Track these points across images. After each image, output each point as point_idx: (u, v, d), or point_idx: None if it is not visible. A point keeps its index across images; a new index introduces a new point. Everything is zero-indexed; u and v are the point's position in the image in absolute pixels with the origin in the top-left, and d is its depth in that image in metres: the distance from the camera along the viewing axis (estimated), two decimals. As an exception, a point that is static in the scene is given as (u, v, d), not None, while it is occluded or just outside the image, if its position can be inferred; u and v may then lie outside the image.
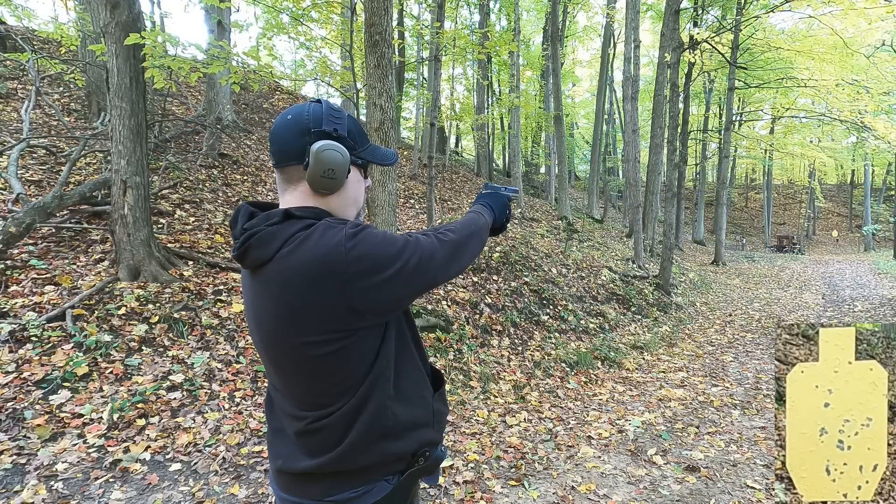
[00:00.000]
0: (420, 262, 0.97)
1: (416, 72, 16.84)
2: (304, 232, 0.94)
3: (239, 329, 4.27)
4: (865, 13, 8.81)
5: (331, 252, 0.90)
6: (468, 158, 24.10)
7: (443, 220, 9.09)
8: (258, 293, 0.98)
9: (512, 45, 7.57)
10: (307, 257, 0.90)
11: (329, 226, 0.94)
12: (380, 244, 0.93)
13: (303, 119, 0.99)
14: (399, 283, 0.95)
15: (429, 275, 0.99)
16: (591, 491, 3.00)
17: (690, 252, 18.60)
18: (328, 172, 0.98)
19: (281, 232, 0.94)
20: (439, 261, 1.02)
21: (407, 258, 0.95)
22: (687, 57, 11.67)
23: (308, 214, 0.98)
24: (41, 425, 2.89)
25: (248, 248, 0.95)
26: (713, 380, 5.27)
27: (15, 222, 4.21)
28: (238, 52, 5.73)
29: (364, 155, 1.07)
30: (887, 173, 33.19)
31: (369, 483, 1.00)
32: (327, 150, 0.97)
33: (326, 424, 0.98)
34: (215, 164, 7.77)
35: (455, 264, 1.06)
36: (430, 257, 1.00)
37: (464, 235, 1.11)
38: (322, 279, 0.90)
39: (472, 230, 1.15)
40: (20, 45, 7.85)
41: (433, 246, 1.02)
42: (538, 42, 23.03)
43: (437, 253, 1.02)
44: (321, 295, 0.90)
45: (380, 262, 0.92)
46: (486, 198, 1.34)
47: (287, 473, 1.03)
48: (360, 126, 1.08)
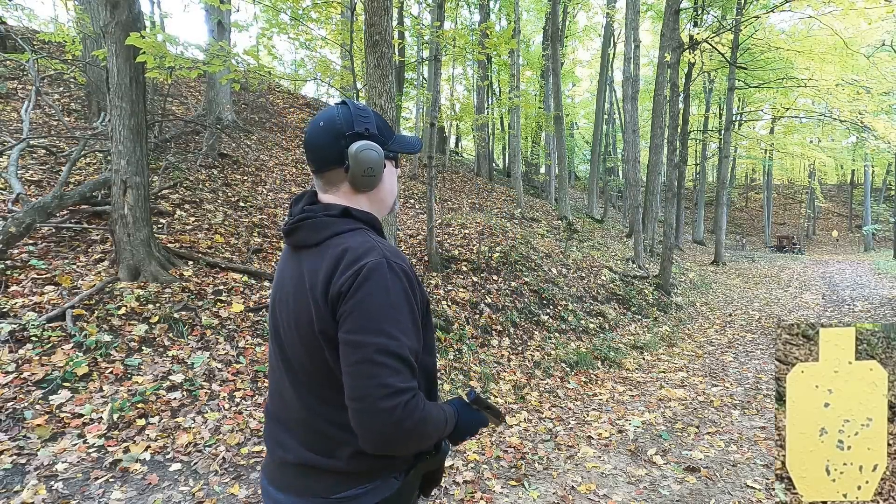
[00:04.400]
0: (372, 365, 0.88)
1: (416, 72, 16.85)
2: (352, 234, 1.00)
3: (239, 329, 4.27)
4: (865, 13, 8.80)
5: (350, 267, 0.93)
6: (468, 158, 24.10)
7: (443, 219, 9.09)
8: (293, 269, 1.04)
9: (512, 43, 7.57)
10: (339, 258, 0.95)
11: (381, 257, 0.94)
12: (382, 309, 0.90)
13: (335, 124, 1.03)
14: (344, 347, 0.91)
15: (360, 382, 0.89)
16: (591, 491, 3.00)
17: (690, 252, 18.60)
18: (368, 171, 1.03)
19: (334, 225, 1.01)
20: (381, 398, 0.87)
21: (376, 347, 0.88)
22: (687, 57, 11.66)
23: (364, 218, 1.05)
24: (41, 425, 2.89)
25: (299, 228, 1.04)
26: (713, 380, 5.27)
27: (15, 222, 4.21)
28: (238, 52, 5.73)
29: (394, 147, 1.12)
30: (887, 173, 33.17)
31: (377, 479, 1.00)
32: (365, 151, 1.02)
33: (334, 420, 0.98)
34: (215, 164, 7.77)
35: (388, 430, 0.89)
36: (376, 379, 0.87)
37: (425, 428, 0.94)
38: (328, 280, 0.94)
39: (432, 430, 0.97)
40: (20, 45, 7.85)
41: (392, 379, 0.88)
42: (538, 42, 23.02)
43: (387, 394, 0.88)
44: (324, 295, 0.95)
45: (359, 318, 0.90)
46: (466, 414, 1.13)
47: (292, 466, 1.03)
48: (384, 120, 1.12)
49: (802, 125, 22.76)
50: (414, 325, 0.95)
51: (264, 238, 6.13)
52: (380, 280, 0.91)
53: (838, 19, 9.86)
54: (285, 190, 8.23)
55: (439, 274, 6.47)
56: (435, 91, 8.53)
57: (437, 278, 6.32)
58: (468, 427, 1.12)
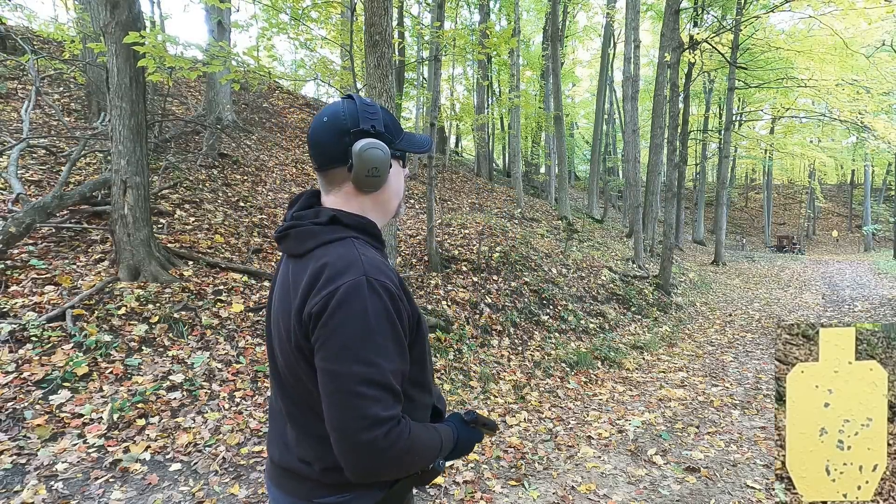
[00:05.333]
0: (350, 396, 0.84)
1: (416, 72, 16.84)
2: (335, 245, 0.94)
3: (239, 329, 4.27)
4: (865, 13, 8.80)
5: (325, 288, 0.88)
6: (468, 158, 24.11)
7: (443, 219, 9.09)
8: (284, 276, 1.01)
9: (512, 42, 7.57)
10: (320, 272, 0.91)
11: (360, 275, 0.89)
12: (359, 335, 0.85)
13: (340, 120, 0.97)
14: (322, 375, 0.87)
15: (338, 403, 0.85)
16: (591, 491, 3.00)
17: (690, 252, 18.59)
18: (372, 171, 0.97)
19: (321, 234, 0.96)
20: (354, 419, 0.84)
21: (354, 376, 0.84)
22: (687, 57, 11.67)
23: (354, 224, 0.99)
24: (41, 425, 2.89)
25: (287, 237, 1.00)
26: (713, 380, 5.27)
27: (15, 222, 4.21)
28: (238, 52, 5.73)
29: (402, 146, 1.05)
30: (887, 173, 33.17)
31: (357, 490, 0.97)
32: (370, 150, 0.96)
33: (311, 432, 0.97)
34: (215, 164, 7.77)
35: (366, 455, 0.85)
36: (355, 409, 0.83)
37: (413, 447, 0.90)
38: (304, 299, 0.91)
39: (420, 455, 0.93)
40: (20, 45, 7.85)
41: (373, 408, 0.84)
42: (538, 42, 23.03)
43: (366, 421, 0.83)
44: (298, 314, 0.91)
45: (334, 346, 0.85)
46: (464, 433, 1.10)
47: (278, 466, 1.04)
48: (393, 117, 1.06)
49: (802, 125, 22.75)
50: (397, 345, 0.89)
51: (264, 238, 6.13)
52: (356, 303, 0.85)
53: (838, 19, 9.86)
54: (285, 190, 8.22)
55: (439, 274, 6.47)
56: (435, 91, 8.52)
57: (437, 278, 6.32)
58: (466, 446, 1.10)
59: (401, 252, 6.99)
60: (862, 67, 13.23)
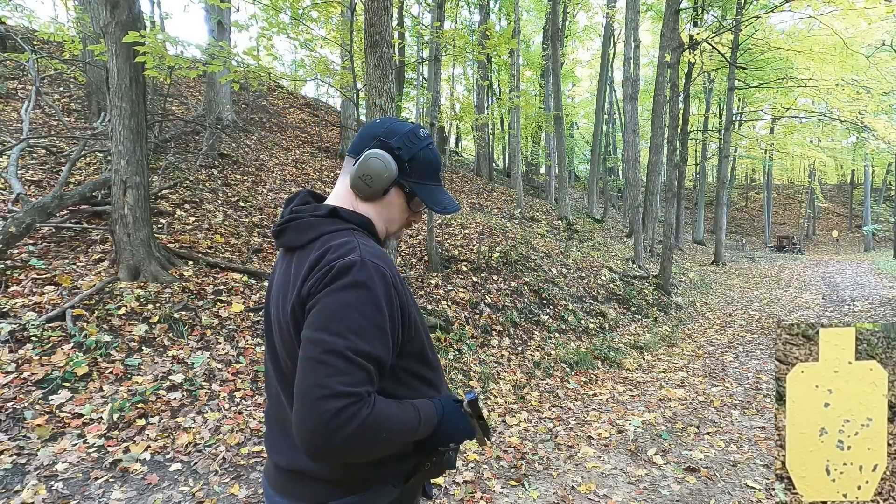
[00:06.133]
0: (315, 363, 0.83)
1: (416, 72, 16.83)
2: (336, 235, 0.97)
3: (239, 329, 4.27)
4: (865, 13, 8.80)
5: (322, 268, 0.91)
6: (468, 158, 24.11)
7: (443, 219, 9.09)
8: (282, 272, 1.02)
9: (512, 43, 7.58)
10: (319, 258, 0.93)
11: (357, 256, 0.91)
12: (342, 308, 0.86)
13: (382, 128, 1.05)
14: (301, 346, 0.87)
15: (309, 381, 0.83)
16: (591, 491, 3.00)
17: (690, 252, 18.59)
18: (365, 177, 1.02)
19: (320, 226, 0.99)
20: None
21: (325, 345, 0.83)
22: (687, 57, 11.66)
23: (354, 219, 1.03)
24: (41, 425, 2.89)
25: (286, 230, 1.02)
26: (713, 380, 5.27)
27: (15, 222, 4.21)
28: (238, 52, 5.73)
29: (415, 186, 1.07)
30: (887, 173, 33.18)
31: (368, 490, 0.97)
32: (374, 158, 1.02)
33: None
34: (215, 164, 7.77)
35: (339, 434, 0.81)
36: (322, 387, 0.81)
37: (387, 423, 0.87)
38: (304, 282, 0.92)
39: (387, 437, 0.87)
40: (20, 45, 7.85)
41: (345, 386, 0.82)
42: (538, 42, 23.03)
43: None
44: (298, 297, 0.93)
45: (316, 315, 0.87)
46: (453, 416, 1.04)
47: (285, 471, 1.01)
48: (434, 165, 1.09)
49: (802, 125, 22.73)
50: (379, 330, 0.88)
51: (264, 238, 6.13)
52: (346, 279, 0.87)
53: (838, 19, 9.85)
54: (285, 190, 8.22)
55: (439, 274, 6.47)
56: (435, 91, 8.52)
57: (437, 278, 6.32)
58: (452, 432, 1.02)
59: (401, 252, 6.99)
60: (862, 67, 13.23)
